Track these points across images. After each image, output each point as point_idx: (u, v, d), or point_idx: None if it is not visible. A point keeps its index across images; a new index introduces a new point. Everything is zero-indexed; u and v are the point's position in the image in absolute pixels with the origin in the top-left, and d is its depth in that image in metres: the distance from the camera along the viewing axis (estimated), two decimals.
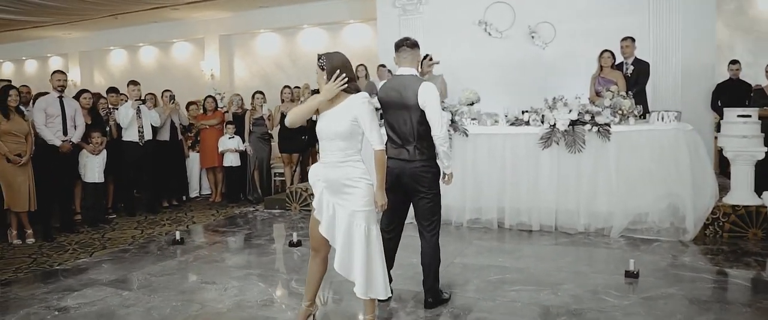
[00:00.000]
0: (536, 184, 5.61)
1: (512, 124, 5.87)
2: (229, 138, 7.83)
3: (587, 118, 5.42)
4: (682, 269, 4.29)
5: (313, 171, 3.11)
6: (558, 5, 7.92)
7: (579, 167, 5.47)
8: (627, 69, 6.48)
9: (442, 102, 7.07)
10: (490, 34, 8.30)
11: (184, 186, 8.10)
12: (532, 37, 8.05)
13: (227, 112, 8.27)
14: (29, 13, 10.03)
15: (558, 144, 5.49)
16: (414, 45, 3.52)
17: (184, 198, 7.99)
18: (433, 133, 3.41)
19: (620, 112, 5.47)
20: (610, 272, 4.23)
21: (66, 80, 6.09)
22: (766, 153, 5.17)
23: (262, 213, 7.01)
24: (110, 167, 6.75)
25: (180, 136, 7.82)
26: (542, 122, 5.64)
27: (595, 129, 5.36)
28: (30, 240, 5.65)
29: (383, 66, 8.32)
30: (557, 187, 5.54)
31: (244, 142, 7.86)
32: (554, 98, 5.71)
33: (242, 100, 8.26)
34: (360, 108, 2.91)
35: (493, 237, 5.45)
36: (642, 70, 6.44)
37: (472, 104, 6.32)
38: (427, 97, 3.37)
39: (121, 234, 5.96)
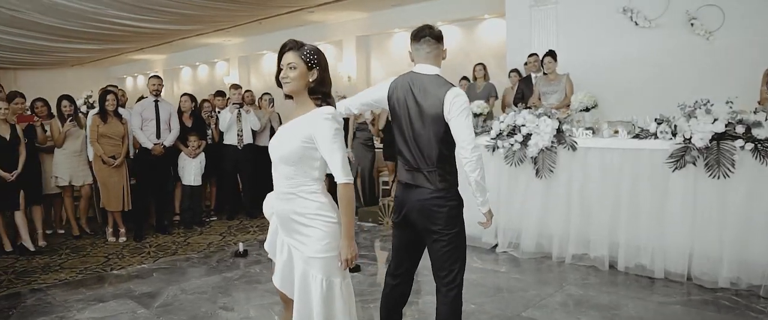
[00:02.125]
0: (662, 217, 4.26)
1: (635, 136, 4.55)
2: None
3: (739, 130, 3.94)
4: None
5: (268, 200, 2.44)
6: None
7: (725, 197, 4.01)
8: None
9: (567, 107, 5.93)
10: (636, 24, 6.79)
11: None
12: (692, 24, 6.39)
13: None
14: (181, 22, 10.80)
15: (695, 165, 4.09)
16: (439, 37, 2.66)
17: None
18: (461, 155, 2.52)
19: None
20: None
21: (161, 85, 6.20)
22: None
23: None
24: (211, 170, 6.79)
25: None
26: (674, 135, 4.27)
27: (750, 146, 3.87)
28: (122, 239, 5.83)
29: (534, 54, 7.12)
30: (692, 223, 4.14)
31: (346, 147, 7.44)
32: (695, 103, 4.29)
33: None
34: (319, 125, 2.16)
35: (598, 282, 4.25)
36: None
37: (587, 110, 5.10)
38: (455, 107, 2.49)
39: (204, 239, 5.89)
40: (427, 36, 2.62)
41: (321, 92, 2.25)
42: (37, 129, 5.69)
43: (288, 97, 2.30)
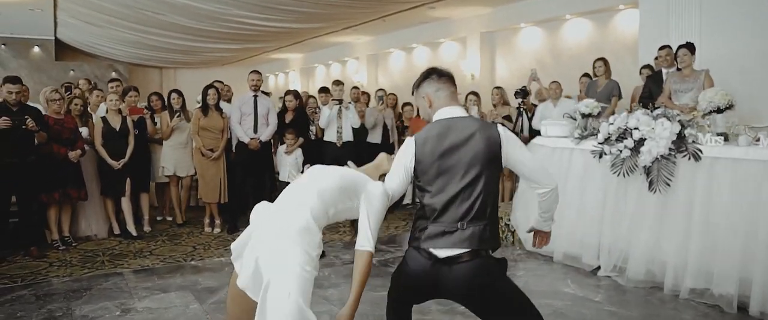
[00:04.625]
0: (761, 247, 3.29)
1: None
2: None
3: None
4: None
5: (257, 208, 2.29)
6: None
7: None
8: None
9: (697, 109, 4.96)
10: None
11: None
12: None
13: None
14: (303, 20, 11.09)
15: None
16: (450, 77, 2.29)
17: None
18: (547, 188, 2.23)
19: None
20: None
21: (260, 80, 6.28)
22: None
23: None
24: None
25: (391, 140, 7.44)
26: None
27: None
28: (216, 230, 6.00)
29: (667, 47, 6.19)
30: None
31: None
32: None
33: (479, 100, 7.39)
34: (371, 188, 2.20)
35: None
36: None
37: (719, 111, 4.15)
38: (512, 141, 2.19)
39: None
40: (446, 75, 2.26)
41: None
42: (148, 121, 6.04)
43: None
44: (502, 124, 6.29)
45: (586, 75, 7.16)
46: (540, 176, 2.20)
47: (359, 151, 6.90)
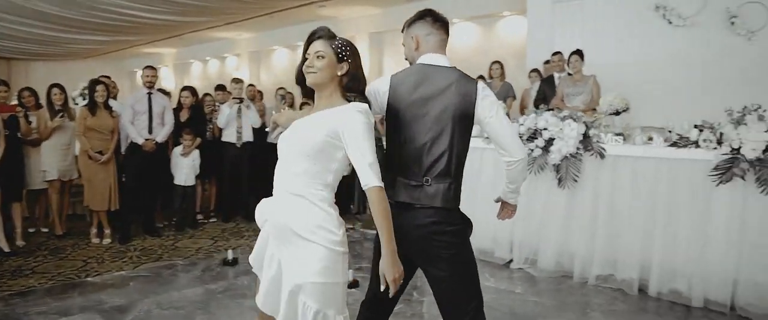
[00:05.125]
0: (705, 237, 3.74)
1: (673, 144, 4.03)
2: None
3: None
4: None
5: (262, 206, 2.05)
6: None
7: None
8: None
9: (593, 111, 5.42)
10: (670, 22, 6.25)
11: None
12: (732, 23, 5.84)
13: None
14: (189, 13, 10.43)
15: (743, 179, 3.57)
16: (445, 24, 2.21)
17: None
18: (514, 158, 2.13)
19: None
20: None
21: (155, 76, 5.79)
22: None
23: (356, 233, 6.04)
24: (211, 169, 6.39)
25: None
26: (719, 144, 3.74)
27: None
28: (106, 241, 5.43)
29: (548, 62, 6.69)
30: (739, 245, 3.61)
31: None
32: (744, 108, 3.76)
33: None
34: (350, 119, 1.84)
35: (627, 309, 3.74)
36: None
37: (617, 113, 4.58)
38: (489, 105, 2.11)
39: (194, 243, 5.46)
40: (441, 20, 2.17)
41: (356, 90, 1.95)
42: (21, 120, 5.30)
43: (308, 93, 2.02)
44: None
45: (480, 77, 7.50)
46: (509, 143, 2.12)
47: (260, 152, 6.65)
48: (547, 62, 7.09)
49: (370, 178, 1.80)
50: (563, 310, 3.69)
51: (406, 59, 2.27)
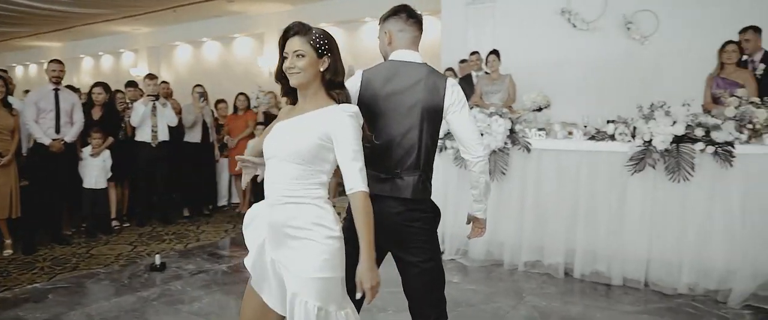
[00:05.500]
0: (621, 222, 4.10)
1: (591, 138, 4.38)
2: None
3: (699, 133, 3.85)
4: None
5: (252, 212, 2.01)
6: None
7: (684, 201, 3.90)
8: (754, 68, 4.77)
9: (510, 108, 5.73)
10: (574, 26, 6.76)
11: (215, 193, 7.28)
12: (628, 28, 6.43)
13: (258, 111, 7.30)
14: (86, 5, 9.69)
15: (654, 168, 3.96)
16: (419, 21, 2.25)
17: (211, 207, 7.10)
18: (474, 156, 2.20)
19: (751, 126, 3.85)
20: None
21: (63, 70, 5.35)
22: None
23: None
24: (124, 170, 5.99)
25: (211, 138, 6.96)
26: (633, 137, 4.12)
27: (711, 149, 3.78)
28: (7, 252, 4.93)
29: (465, 61, 6.98)
30: (651, 228, 4.01)
31: None
32: (652, 105, 4.17)
33: (276, 97, 7.28)
34: (342, 123, 1.83)
35: (557, 291, 4.01)
36: None
37: (539, 110, 4.89)
38: (456, 101, 2.17)
39: (111, 250, 5.10)
40: (415, 17, 2.21)
41: (340, 85, 1.91)
42: None
43: (289, 91, 1.97)
44: None
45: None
46: (470, 140, 2.17)
47: (176, 151, 6.36)
48: (463, 61, 7.39)
49: (357, 183, 1.80)
50: (501, 296, 3.89)
51: (382, 53, 2.29)
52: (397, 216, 2.08)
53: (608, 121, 4.46)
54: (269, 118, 7.00)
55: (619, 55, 6.45)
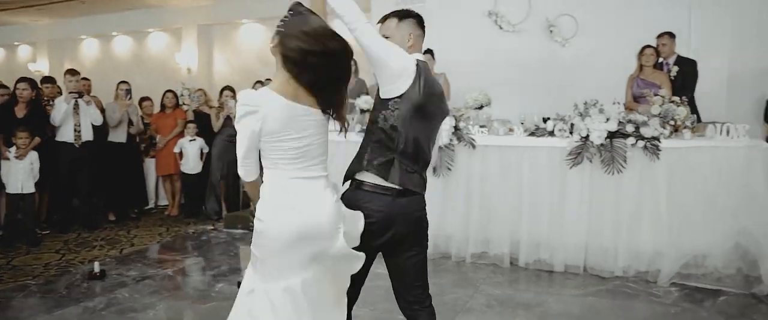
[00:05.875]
0: (562, 212, 4.39)
1: (532, 134, 4.65)
2: (191, 140, 6.59)
3: (630, 129, 4.21)
4: None
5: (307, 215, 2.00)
6: None
7: (617, 192, 4.25)
8: (669, 70, 5.27)
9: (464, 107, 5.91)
10: (501, 28, 7.09)
11: (142, 196, 6.92)
12: (551, 31, 6.84)
13: (188, 110, 7.03)
14: None
15: (591, 161, 4.28)
16: (424, 27, 2.29)
17: (137, 211, 6.73)
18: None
19: (673, 122, 4.26)
20: None
21: None
22: None
23: (221, 233, 5.78)
24: (45, 173, 5.53)
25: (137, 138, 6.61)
26: (571, 133, 4.42)
27: (640, 143, 4.15)
28: None
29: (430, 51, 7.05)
30: (588, 217, 4.33)
31: (209, 144, 6.64)
32: (586, 103, 4.50)
33: (205, 94, 7.03)
34: None
35: (506, 280, 4.23)
36: (690, 70, 5.24)
37: (481, 108, 5.11)
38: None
39: (36, 259, 4.73)
40: (423, 24, 2.27)
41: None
42: None
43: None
44: None
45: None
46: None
47: (101, 152, 6.00)
48: None
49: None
50: (456, 287, 4.04)
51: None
52: (419, 212, 2.18)
53: (544, 119, 4.76)
54: (200, 117, 6.77)
55: (542, 56, 6.84)
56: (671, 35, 5.31)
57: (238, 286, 3.68)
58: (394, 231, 2.09)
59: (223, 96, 6.62)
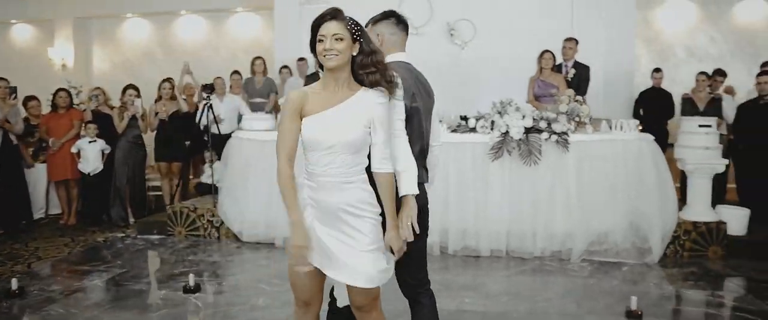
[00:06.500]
0: (486, 202, 4.80)
1: (454, 131, 5.01)
2: (90, 141, 6.11)
3: (543, 125, 4.72)
4: (685, 303, 3.72)
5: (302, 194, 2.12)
6: (478, 2, 7.29)
7: (534, 182, 4.75)
8: (567, 72, 5.94)
9: None
10: None
11: (25, 206, 6.25)
12: (451, 34, 7.33)
13: (86, 110, 6.51)
14: None
15: (510, 154, 4.73)
16: (406, 25, 2.48)
17: (25, 222, 6.09)
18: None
19: (578, 119, 4.85)
20: (605, 311, 3.51)
21: None
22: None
23: (136, 240, 5.47)
24: None
25: (15, 141, 5.96)
26: (492, 129, 4.85)
27: (553, 138, 4.67)
28: None
29: (304, 59, 7.21)
30: (509, 205, 4.78)
31: (110, 146, 6.21)
32: (502, 101, 4.96)
33: (105, 93, 6.57)
34: (379, 109, 2.04)
35: (439, 267, 4.54)
36: (584, 74, 5.94)
37: None
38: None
39: None
40: (403, 22, 2.44)
41: (376, 65, 2.04)
42: None
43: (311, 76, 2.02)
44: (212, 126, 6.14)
45: (236, 72, 7.49)
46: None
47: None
48: (301, 59, 7.56)
49: (386, 164, 2.07)
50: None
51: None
52: (423, 199, 2.34)
53: (462, 117, 5.16)
54: (99, 117, 6.30)
55: (444, 58, 7.30)
56: (576, 41, 5.98)
57: (183, 292, 3.64)
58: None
59: (127, 95, 6.23)
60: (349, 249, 2.02)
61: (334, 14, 2.01)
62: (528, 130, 4.72)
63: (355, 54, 2.03)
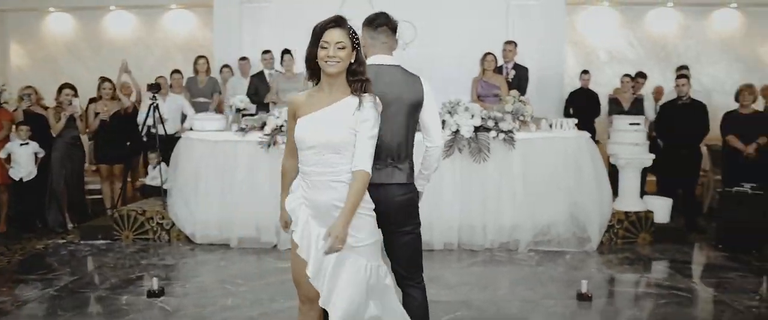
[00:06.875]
0: (440, 197, 5.01)
1: None
2: (22, 144, 5.78)
3: (491, 124, 5.00)
4: (624, 285, 4.09)
5: (293, 195, 2.26)
6: (418, 3, 7.52)
7: (483, 178, 5.02)
8: (507, 73, 6.29)
9: None
10: None
11: None
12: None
13: (16, 109, 6.15)
14: None
15: (461, 152, 4.97)
16: (395, 29, 2.57)
17: None
18: (435, 144, 2.62)
19: (522, 118, 5.17)
20: (558, 295, 3.81)
21: None
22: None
23: (80, 246, 5.25)
24: None
25: None
26: (442, 128, 5.06)
27: (501, 136, 4.96)
28: None
29: (246, 59, 7.17)
30: (461, 200, 5.02)
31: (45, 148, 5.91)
32: (451, 101, 5.19)
33: (37, 92, 6.24)
34: (366, 112, 2.13)
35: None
36: (523, 75, 6.32)
37: None
38: (430, 96, 2.54)
39: None
40: (384, 25, 2.53)
41: (363, 74, 2.15)
42: None
43: (313, 76, 2.23)
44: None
45: (177, 71, 7.29)
46: (435, 130, 2.59)
47: None
48: (243, 59, 7.48)
49: (365, 163, 2.12)
50: None
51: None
52: (401, 198, 2.43)
53: None
54: (31, 117, 5.96)
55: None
56: (515, 43, 6.33)
57: (147, 296, 3.60)
58: (381, 216, 2.35)
59: (64, 95, 5.95)
60: (346, 247, 2.09)
61: (339, 22, 2.13)
62: (477, 129, 4.98)
63: (352, 61, 2.14)
